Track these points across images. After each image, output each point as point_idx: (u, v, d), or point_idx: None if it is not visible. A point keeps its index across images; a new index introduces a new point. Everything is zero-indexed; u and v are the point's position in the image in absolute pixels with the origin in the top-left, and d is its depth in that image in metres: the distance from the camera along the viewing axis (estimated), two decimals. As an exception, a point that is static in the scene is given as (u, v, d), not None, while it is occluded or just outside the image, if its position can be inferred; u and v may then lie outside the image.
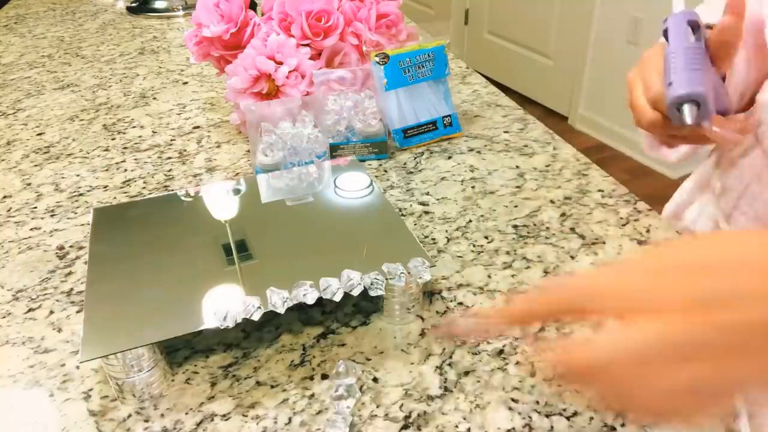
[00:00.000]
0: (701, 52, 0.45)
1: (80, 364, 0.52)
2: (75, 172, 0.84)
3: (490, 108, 0.98)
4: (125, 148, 0.90)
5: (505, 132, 0.90)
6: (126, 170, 0.84)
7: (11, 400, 0.50)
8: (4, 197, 0.79)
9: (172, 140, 0.92)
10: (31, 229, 0.72)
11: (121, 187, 0.79)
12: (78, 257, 0.66)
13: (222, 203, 0.65)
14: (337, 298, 0.51)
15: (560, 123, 3.04)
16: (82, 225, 0.72)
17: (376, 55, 0.83)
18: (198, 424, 0.47)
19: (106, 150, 0.89)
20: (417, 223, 0.70)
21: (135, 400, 0.48)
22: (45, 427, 0.47)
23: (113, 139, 0.92)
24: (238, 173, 0.82)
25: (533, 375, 0.50)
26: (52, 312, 0.59)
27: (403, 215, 0.71)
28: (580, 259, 0.63)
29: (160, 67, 1.22)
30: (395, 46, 0.90)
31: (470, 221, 0.70)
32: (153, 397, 0.49)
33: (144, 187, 0.79)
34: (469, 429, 0.46)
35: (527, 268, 0.62)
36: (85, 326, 0.48)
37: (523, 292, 0.42)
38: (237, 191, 0.67)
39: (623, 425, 0.45)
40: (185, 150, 0.88)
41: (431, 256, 0.64)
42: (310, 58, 0.85)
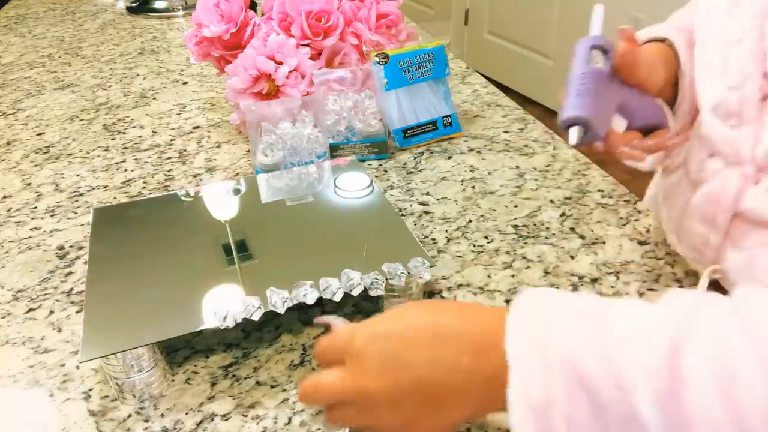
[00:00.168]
0: (597, 77, 0.48)
1: (80, 364, 0.52)
2: (75, 172, 0.84)
3: (490, 108, 0.98)
4: (125, 148, 0.90)
5: (505, 132, 0.90)
6: (126, 170, 0.84)
7: (11, 400, 0.50)
8: (4, 197, 0.79)
9: (172, 140, 0.92)
10: (31, 229, 0.72)
11: (121, 187, 0.79)
12: (78, 257, 0.66)
13: (222, 203, 0.65)
14: (337, 298, 0.51)
15: (560, 123, 3.03)
16: (82, 225, 0.72)
17: (376, 55, 0.83)
18: (198, 424, 0.47)
19: (106, 150, 0.89)
20: (417, 223, 0.70)
21: (135, 400, 0.48)
22: (45, 427, 0.47)
23: (113, 139, 0.92)
24: (238, 173, 0.82)
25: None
26: (52, 312, 0.59)
27: (403, 215, 0.71)
28: (580, 259, 0.63)
29: (160, 67, 1.22)
30: (395, 46, 0.90)
31: (470, 221, 0.70)
32: (153, 397, 0.49)
33: (144, 187, 0.79)
34: (469, 429, 0.46)
35: (527, 268, 0.62)
36: (85, 326, 0.48)
37: None
38: (237, 191, 0.67)
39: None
40: (185, 150, 0.88)
41: (431, 256, 0.64)
42: (310, 58, 0.85)
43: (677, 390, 0.29)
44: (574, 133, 0.46)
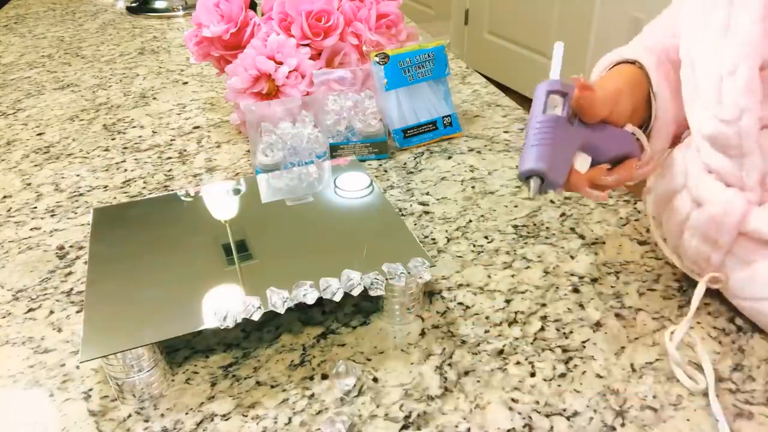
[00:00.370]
0: (554, 124, 0.48)
1: (80, 364, 0.52)
2: (75, 172, 0.84)
3: (490, 108, 0.98)
4: (125, 148, 0.90)
5: (505, 132, 0.90)
6: (126, 170, 0.84)
7: (11, 400, 0.50)
8: (4, 197, 0.79)
9: (172, 140, 0.92)
10: (31, 229, 0.72)
11: (121, 187, 0.79)
12: (78, 257, 0.66)
13: (222, 203, 0.65)
14: (337, 298, 0.51)
15: (560, 123, 3.03)
16: (82, 225, 0.72)
17: (376, 55, 0.83)
18: (198, 424, 0.47)
19: (106, 150, 0.89)
20: (417, 223, 0.70)
21: (135, 400, 0.48)
22: (45, 427, 0.47)
23: (113, 139, 0.92)
24: (238, 173, 0.82)
25: (533, 375, 0.50)
26: (52, 312, 0.59)
27: (403, 215, 0.71)
28: (580, 259, 0.63)
29: (160, 67, 1.22)
30: (395, 46, 0.90)
31: (470, 221, 0.70)
32: (153, 397, 0.49)
33: (144, 187, 0.79)
34: (469, 429, 0.46)
35: (527, 268, 0.62)
36: (85, 326, 0.48)
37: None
38: (237, 191, 0.67)
39: (623, 425, 0.45)
40: (185, 150, 0.88)
41: (431, 256, 0.64)
42: (310, 58, 0.85)
43: None
44: (531, 185, 0.47)
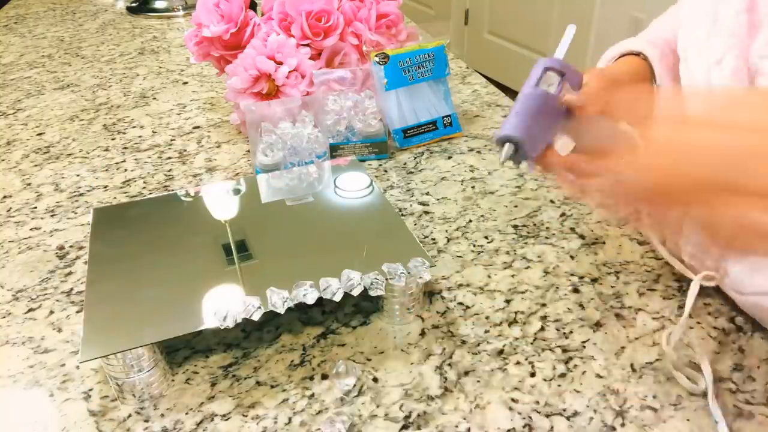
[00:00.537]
0: (541, 100, 0.48)
1: (80, 364, 0.52)
2: (75, 172, 0.84)
3: (490, 108, 0.98)
4: (125, 148, 0.90)
5: (505, 132, 0.90)
6: (126, 170, 0.84)
7: (11, 400, 0.50)
8: (4, 197, 0.79)
9: (172, 140, 0.92)
10: (31, 229, 0.72)
11: (121, 187, 0.79)
12: (78, 257, 0.66)
13: (222, 203, 0.65)
14: (337, 298, 0.51)
15: (560, 123, 3.03)
16: (82, 225, 0.72)
17: (376, 55, 0.83)
18: (198, 424, 0.47)
19: (106, 150, 0.89)
20: (417, 223, 0.70)
21: (135, 400, 0.48)
22: (45, 427, 0.47)
23: (113, 139, 0.92)
24: (238, 173, 0.82)
25: (533, 375, 0.50)
26: (52, 312, 0.59)
27: (403, 215, 0.71)
28: (580, 259, 0.63)
29: (160, 67, 1.22)
30: (395, 46, 0.90)
31: (470, 221, 0.70)
32: (153, 397, 0.49)
33: (144, 187, 0.79)
34: (469, 429, 0.46)
35: (527, 268, 0.62)
36: (85, 326, 0.48)
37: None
38: (237, 191, 0.67)
39: (623, 425, 0.45)
40: (185, 150, 0.88)
41: (431, 256, 0.64)
42: (310, 58, 0.85)
43: None
44: (503, 151, 0.48)
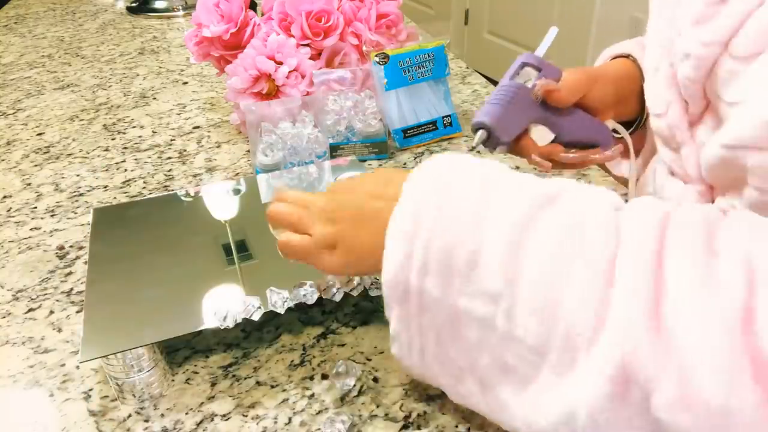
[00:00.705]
0: (516, 92, 0.54)
1: (80, 364, 0.52)
2: (75, 172, 0.84)
3: (490, 108, 0.98)
4: (125, 148, 0.90)
5: (505, 132, 0.90)
6: (126, 170, 0.84)
7: (11, 400, 0.50)
8: (4, 197, 0.79)
9: (172, 140, 0.92)
10: (31, 229, 0.72)
11: (121, 187, 0.79)
12: (78, 257, 0.66)
13: (222, 203, 0.65)
14: (337, 298, 0.51)
15: (560, 123, 3.03)
16: (82, 225, 0.72)
17: (376, 55, 0.83)
18: (198, 424, 0.47)
19: (106, 150, 0.89)
20: (417, 223, 0.70)
21: (135, 400, 0.48)
22: (45, 427, 0.47)
23: (113, 139, 0.92)
24: (238, 173, 0.82)
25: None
26: (52, 312, 0.59)
27: (403, 215, 0.71)
28: (580, 259, 0.63)
29: (160, 67, 1.22)
30: (395, 46, 0.90)
31: (470, 221, 0.69)
32: (153, 397, 0.49)
33: (144, 187, 0.79)
34: (469, 429, 0.46)
35: (527, 268, 0.62)
36: (85, 326, 0.48)
37: None
38: (237, 191, 0.67)
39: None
40: (185, 150, 0.88)
41: (431, 256, 0.64)
42: (310, 58, 0.85)
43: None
44: (476, 136, 0.53)
